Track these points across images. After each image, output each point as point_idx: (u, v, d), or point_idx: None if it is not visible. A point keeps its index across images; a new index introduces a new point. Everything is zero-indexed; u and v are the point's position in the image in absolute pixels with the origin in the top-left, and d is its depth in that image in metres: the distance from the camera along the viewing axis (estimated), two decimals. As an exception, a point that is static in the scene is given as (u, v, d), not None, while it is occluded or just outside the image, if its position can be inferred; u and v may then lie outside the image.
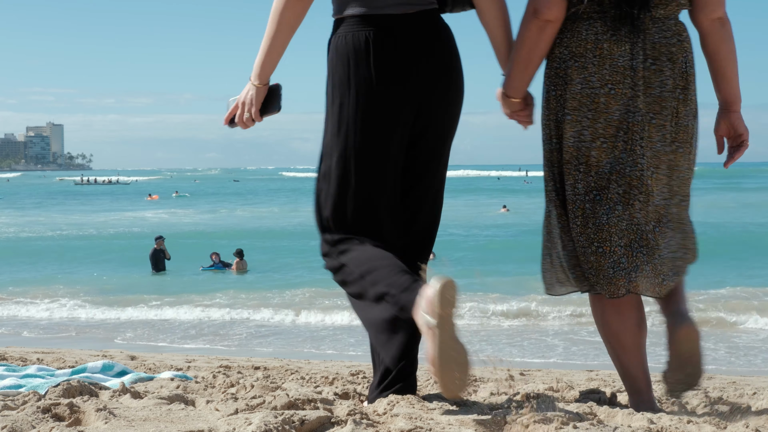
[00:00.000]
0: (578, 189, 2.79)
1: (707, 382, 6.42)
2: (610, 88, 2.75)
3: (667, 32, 2.80)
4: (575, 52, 2.78)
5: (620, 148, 2.76)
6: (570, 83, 2.79)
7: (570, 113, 2.78)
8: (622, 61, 2.74)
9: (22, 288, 16.25)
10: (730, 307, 12.37)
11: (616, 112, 2.76)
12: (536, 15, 2.76)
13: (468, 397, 3.72)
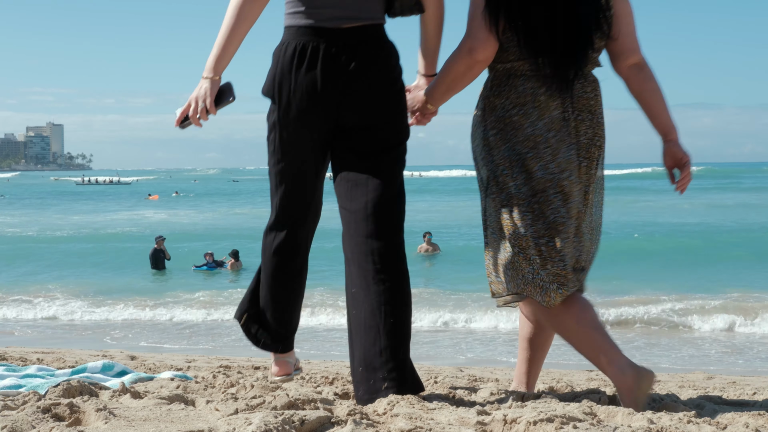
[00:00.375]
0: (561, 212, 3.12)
1: (707, 382, 6.42)
2: (554, 134, 3.08)
3: (587, 88, 3.15)
4: (517, 102, 3.08)
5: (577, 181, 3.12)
6: (519, 128, 3.08)
7: (530, 151, 3.08)
8: (556, 113, 3.08)
9: (18, 288, 16.18)
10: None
11: (566, 152, 3.10)
12: (470, 54, 3.02)
13: (468, 397, 3.72)
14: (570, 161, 3.08)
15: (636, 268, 17.19)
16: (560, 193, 3.08)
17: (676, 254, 19.69)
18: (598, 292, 13.67)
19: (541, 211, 3.10)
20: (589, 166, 3.14)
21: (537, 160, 3.07)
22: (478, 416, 3.00)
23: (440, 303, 13.30)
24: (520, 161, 3.09)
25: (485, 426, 2.92)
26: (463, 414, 3.04)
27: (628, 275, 15.79)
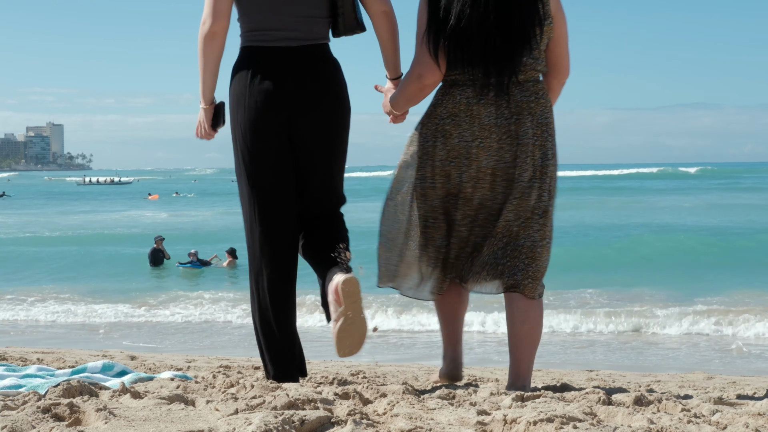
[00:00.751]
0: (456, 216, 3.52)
1: (707, 382, 6.42)
2: (480, 142, 3.42)
3: (526, 92, 3.45)
4: (452, 112, 3.44)
5: (488, 188, 3.48)
6: (449, 137, 3.45)
7: (453, 161, 3.46)
8: (488, 120, 3.41)
9: (12, 288, 16.08)
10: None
11: (485, 161, 3.44)
12: (419, 79, 3.43)
13: (468, 397, 3.72)
14: (483, 170, 3.46)
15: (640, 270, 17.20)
16: (462, 199, 3.49)
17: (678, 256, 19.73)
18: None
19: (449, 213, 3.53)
20: (525, 167, 3.43)
21: (457, 169, 3.47)
22: (478, 416, 3.00)
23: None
24: (444, 170, 3.50)
25: (485, 426, 2.92)
26: (463, 414, 3.04)
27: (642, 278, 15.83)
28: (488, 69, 3.37)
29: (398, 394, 3.53)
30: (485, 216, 3.50)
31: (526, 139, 3.42)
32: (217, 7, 3.23)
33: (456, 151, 3.45)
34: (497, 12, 3.34)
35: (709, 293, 13.75)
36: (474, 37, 3.34)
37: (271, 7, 3.21)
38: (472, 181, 3.46)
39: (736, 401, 3.80)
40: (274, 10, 3.21)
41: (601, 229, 26.91)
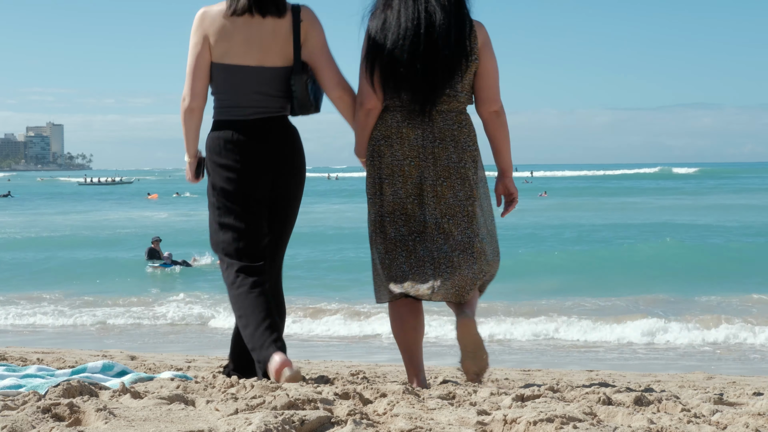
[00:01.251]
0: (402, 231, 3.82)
1: (707, 382, 6.42)
2: (410, 161, 3.77)
3: (449, 121, 3.79)
4: (385, 134, 3.81)
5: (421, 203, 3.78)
6: (383, 157, 3.80)
7: (387, 178, 3.80)
8: (416, 142, 3.76)
9: (7, 291, 15.89)
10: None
11: (417, 178, 3.78)
12: (361, 106, 3.82)
13: (468, 397, 3.72)
14: (416, 185, 3.79)
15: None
16: (403, 214, 3.80)
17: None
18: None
19: (384, 230, 3.83)
20: (453, 185, 3.78)
21: (391, 186, 3.80)
22: (478, 416, 3.00)
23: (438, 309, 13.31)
24: (380, 186, 3.83)
25: (485, 426, 2.92)
26: (463, 414, 3.04)
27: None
28: (414, 97, 3.74)
29: (398, 394, 3.53)
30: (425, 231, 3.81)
31: (450, 163, 3.78)
32: (195, 89, 3.80)
33: (389, 169, 3.81)
34: (427, 46, 3.72)
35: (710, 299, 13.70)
36: (404, 67, 3.72)
37: (241, 88, 3.78)
38: (411, 197, 3.81)
39: (736, 401, 3.80)
40: (243, 90, 3.78)
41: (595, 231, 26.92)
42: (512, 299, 13.35)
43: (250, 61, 3.74)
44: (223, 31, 3.71)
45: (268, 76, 3.77)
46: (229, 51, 3.72)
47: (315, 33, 3.81)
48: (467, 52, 3.74)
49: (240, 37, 3.72)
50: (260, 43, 3.73)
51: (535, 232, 26.35)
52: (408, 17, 3.70)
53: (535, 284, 14.90)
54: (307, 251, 20.80)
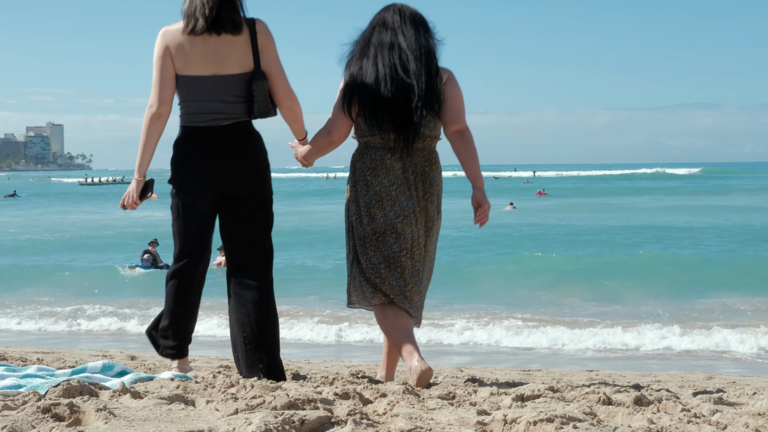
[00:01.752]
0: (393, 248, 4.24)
1: (707, 382, 6.42)
2: (396, 187, 4.20)
3: (422, 158, 4.26)
4: (371, 166, 4.24)
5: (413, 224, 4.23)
6: (370, 185, 4.23)
7: (377, 203, 4.22)
8: (399, 173, 4.22)
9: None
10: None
11: (405, 202, 4.22)
12: (328, 135, 4.31)
13: (468, 397, 3.72)
14: (406, 208, 4.22)
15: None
16: (394, 233, 4.21)
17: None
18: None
19: (379, 247, 4.23)
20: (426, 212, 4.28)
21: (381, 209, 4.21)
22: (478, 416, 3.00)
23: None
24: (369, 210, 4.24)
25: (485, 426, 2.92)
26: (463, 414, 3.05)
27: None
28: (397, 135, 4.20)
29: (398, 394, 3.54)
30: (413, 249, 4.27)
31: (420, 193, 4.28)
32: (163, 95, 4.04)
33: (378, 195, 4.23)
34: (402, 92, 4.18)
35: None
36: (387, 111, 4.18)
37: (201, 96, 4.03)
38: (400, 217, 4.24)
39: (736, 401, 3.81)
40: (204, 98, 4.03)
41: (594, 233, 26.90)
42: (491, 303, 13.32)
43: (208, 71, 4.02)
44: (182, 47, 4.01)
45: (227, 83, 4.03)
46: (189, 64, 4.01)
47: (269, 45, 4.10)
48: (437, 92, 4.22)
49: (198, 51, 4.01)
50: (217, 55, 4.02)
51: (509, 232, 26.33)
52: (384, 65, 4.19)
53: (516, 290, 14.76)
54: (309, 252, 20.80)
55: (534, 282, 15.30)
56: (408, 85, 4.17)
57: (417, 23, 4.27)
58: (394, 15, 4.28)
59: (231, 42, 4.00)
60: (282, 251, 21.89)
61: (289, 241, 22.96)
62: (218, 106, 4.03)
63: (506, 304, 13.22)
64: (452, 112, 4.23)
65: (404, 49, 4.19)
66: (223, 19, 3.97)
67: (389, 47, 4.20)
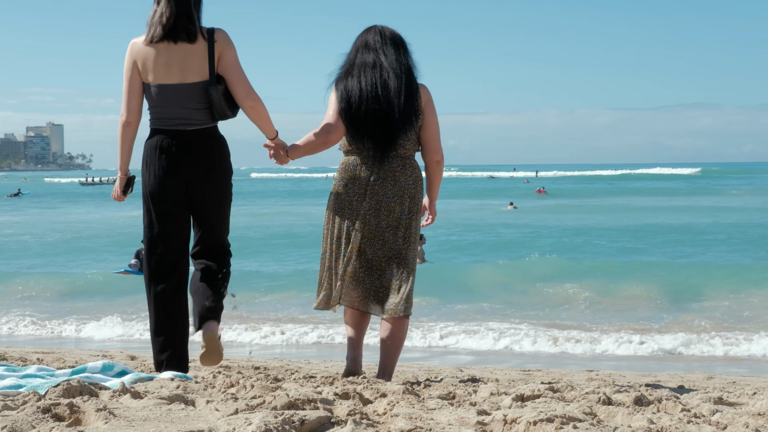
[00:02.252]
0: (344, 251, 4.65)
1: (707, 382, 6.42)
2: (359, 197, 4.60)
3: (395, 164, 4.60)
4: (344, 177, 4.64)
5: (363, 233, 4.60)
6: (339, 196, 4.64)
7: (340, 213, 4.64)
8: (365, 183, 4.59)
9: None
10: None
11: (362, 210, 4.59)
12: (327, 134, 4.62)
13: (468, 397, 3.72)
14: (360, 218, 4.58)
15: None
16: (347, 240, 4.60)
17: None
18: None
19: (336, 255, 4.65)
20: (381, 213, 4.59)
21: (341, 219, 4.61)
22: (478, 416, 3.00)
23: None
24: (336, 219, 4.65)
25: (485, 426, 2.93)
26: (463, 414, 3.05)
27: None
28: (376, 146, 4.55)
29: (398, 394, 3.54)
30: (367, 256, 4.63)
31: (383, 198, 4.58)
32: (131, 105, 4.45)
33: (342, 204, 4.63)
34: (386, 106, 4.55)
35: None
36: (368, 125, 4.54)
37: (167, 103, 4.39)
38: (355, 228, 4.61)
39: (736, 401, 3.81)
40: (170, 104, 4.39)
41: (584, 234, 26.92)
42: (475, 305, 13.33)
43: (171, 80, 4.38)
44: (147, 57, 4.39)
45: (189, 92, 4.39)
46: (154, 73, 4.39)
47: (228, 52, 4.43)
48: (415, 110, 4.59)
49: (161, 60, 4.38)
50: (179, 64, 4.38)
51: (509, 232, 26.38)
52: (367, 83, 4.57)
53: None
54: (311, 252, 20.80)
55: (533, 282, 15.30)
56: (389, 101, 4.55)
57: (397, 43, 4.67)
58: (375, 36, 4.68)
59: (189, 52, 4.38)
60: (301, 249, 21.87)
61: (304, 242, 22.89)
62: (183, 112, 4.40)
63: (505, 303, 13.21)
64: (432, 141, 4.69)
65: (385, 68, 4.58)
66: (179, 28, 4.36)
67: (372, 66, 4.60)
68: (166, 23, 4.34)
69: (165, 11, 4.33)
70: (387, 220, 4.59)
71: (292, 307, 13.22)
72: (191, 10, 4.39)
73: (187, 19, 4.36)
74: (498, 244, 22.97)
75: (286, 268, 18.27)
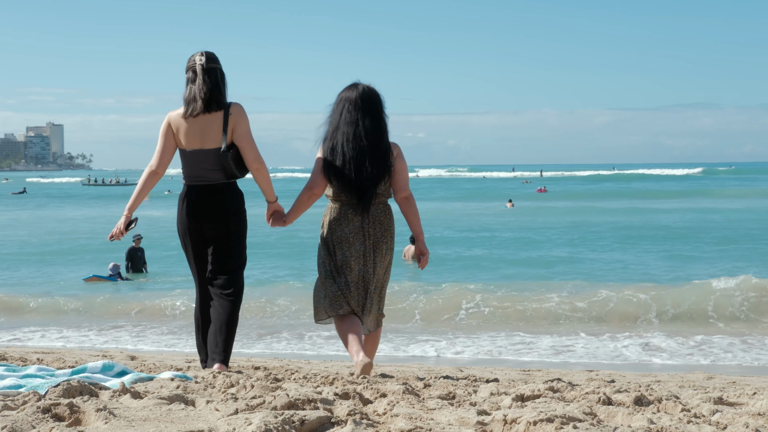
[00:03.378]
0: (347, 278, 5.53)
1: (707, 382, 6.42)
2: (354, 235, 5.50)
3: (378, 210, 5.52)
4: (336, 218, 5.52)
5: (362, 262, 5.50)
6: (334, 232, 5.53)
7: (338, 245, 5.53)
8: (357, 224, 5.50)
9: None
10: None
11: (359, 246, 5.50)
12: (311, 189, 5.54)
13: (468, 397, 3.72)
14: (358, 251, 5.49)
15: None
16: (348, 267, 5.50)
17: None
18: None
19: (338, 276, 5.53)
20: (377, 252, 5.52)
21: (340, 250, 5.52)
22: (478, 416, 3.00)
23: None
24: (332, 250, 5.55)
25: (485, 426, 2.93)
26: (463, 414, 3.05)
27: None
28: (359, 196, 5.44)
29: (398, 394, 3.54)
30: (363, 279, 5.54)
31: (376, 237, 5.51)
32: (162, 160, 5.41)
33: (340, 239, 5.51)
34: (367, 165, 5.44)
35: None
36: (351, 179, 5.44)
37: (191, 164, 5.36)
38: (354, 257, 5.50)
39: (736, 401, 3.81)
40: (192, 165, 5.35)
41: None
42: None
43: (194, 146, 5.32)
44: (180, 127, 5.34)
45: (206, 156, 5.32)
46: (185, 140, 5.33)
47: (241, 123, 5.33)
48: (388, 167, 5.49)
49: (190, 131, 5.31)
50: (200, 133, 5.30)
51: (507, 232, 26.39)
52: (348, 146, 5.45)
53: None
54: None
55: (533, 283, 15.30)
56: (368, 159, 5.46)
57: (374, 105, 5.53)
58: (357, 96, 5.52)
59: (210, 122, 5.30)
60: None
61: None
62: (202, 172, 5.35)
63: (504, 303, 13.21)
64: (401, 182, 5.54)
65: (363, 136, 5.47)
66: (213, 100, 5.28)
67: (353, 134, 5.48)
68: (205, 97, 5.26)
69: (202, 87, 5.26)
70: (379, 256, 5.54)
71: (292, 308, 13.21)
72: (220, 85, 5.34)
73: (219, 92, 5.33)
74: (495, 243, 22.98)
75: (281, 273, 18.28)
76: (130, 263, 18.54)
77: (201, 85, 5.23)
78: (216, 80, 5.29)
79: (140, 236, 19.03)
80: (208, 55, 5.41)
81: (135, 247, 18.80)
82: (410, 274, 16.79)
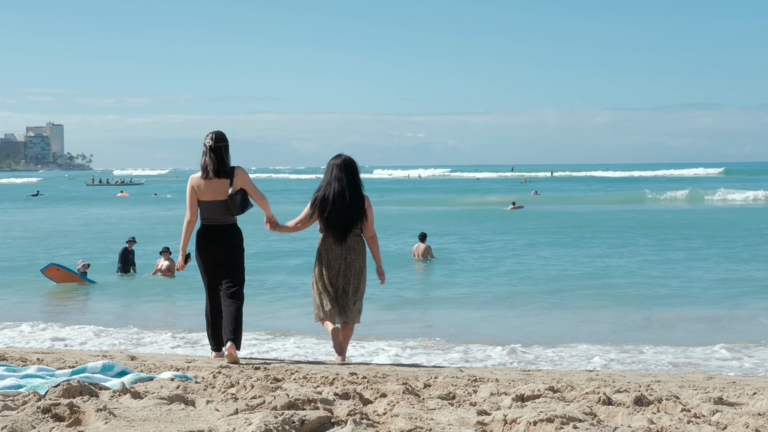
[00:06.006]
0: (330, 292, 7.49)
1: (707, 382, 6.42)
2: (336, 259, 7.43)
3: (353, 241, 7.45)
4: (325, 247, 7.41)
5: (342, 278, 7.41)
6: (323, 259, 7.44)
7: (327, 267, 7.41)
8: (339, 252, 7.42)
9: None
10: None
11: (338, 268, 7.42)
12: (299, 221, 7.42)
13: (468, 397, 3.72)
14: (339, 271, 7.41)
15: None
16: (332, 285, 7.41)
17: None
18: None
19: (329, 288, 7.45)
20: (350, 270, 7.45)
21: (328, 270, 7.43)
22: (478, 416, 3.00)
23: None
24: (322, 270, 7.45)
25: (485, 426, 2.93)
26: (463, 414, 3.05)
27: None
28: (339, 233, 7.40)
29: (398, 394, 3.54)
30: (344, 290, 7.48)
31: (351, 259, 7.45)
32: (192, 210, 7.25)
33: (327, 263, 7.44)
34: (341, 210, 7.39)
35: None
36: (335, 222, 7.37)
37: (206, 210, 7.21)
38: (335, 276, 7.44)
39: (736, 401, 3.80)
40: (207, 211, 7.20)
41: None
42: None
43: (209, 197, 7.19)
44: (199, 185, 7.23)
45: (217, 205, 7.20)
46: (202, 194, 7.19)
47: (244, 179, 7.24)
48: (362, 212, 7.46)
49: (205, 188, 7.19)
50: (213, 191, 7.19)
51: (508, 232, 26.40)
52: (334, 195, 7.42)
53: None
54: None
55: (532, 282, 15.31)
56: (347, 207, 7.43)
57: (352, 168, 7.55)
58: (341, 163, 7.50)
59: (220, 183, 7.19)
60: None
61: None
62: (215, 216, 7.21)
63: (504, 304, 13.22)
64: (369, 225, 7.53)
65: (345, 189, 7.45)
66: (219, 171, 7.15)
67: (338, 180, 7.47)
68: (212, 169, 7.13)
69: (210, 164, 7.12)
70: (353, 272, 7.50)
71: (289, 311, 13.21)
72: (224, 159, 7.19)
73: (224, 164, 7.17)
74: (494, 242, 22.96)
75: (276, 278, 18.28)
76: (122, 264, 18.51)
77: (208, 161, 7.18)
78: (221, 155, 7.24)
79: (134, 239, 19.03)
80: (217, 136, 7.42)
81: (128, 249, 18.80)
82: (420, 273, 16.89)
